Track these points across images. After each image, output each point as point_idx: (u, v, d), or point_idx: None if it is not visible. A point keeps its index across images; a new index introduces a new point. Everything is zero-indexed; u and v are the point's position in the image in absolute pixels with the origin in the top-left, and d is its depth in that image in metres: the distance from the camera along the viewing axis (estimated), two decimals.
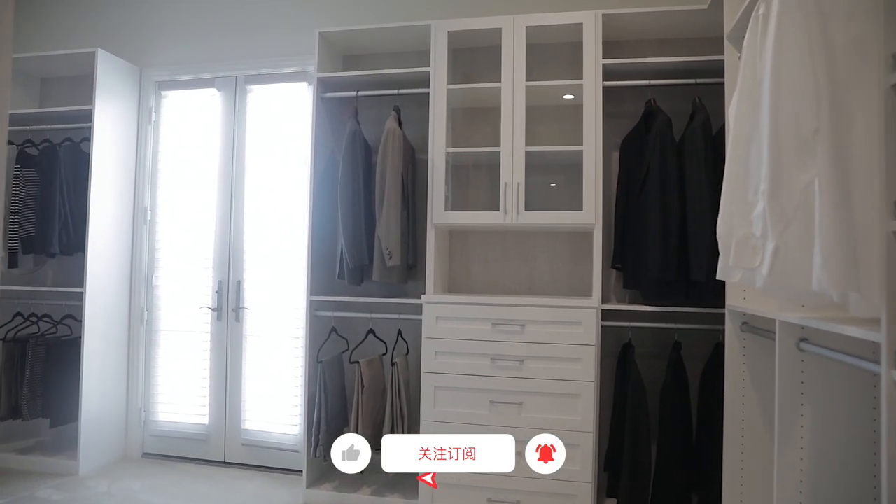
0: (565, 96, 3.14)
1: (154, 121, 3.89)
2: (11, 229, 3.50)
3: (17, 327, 3.70)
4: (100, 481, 3.37)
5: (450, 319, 2.86)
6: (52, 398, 3.55)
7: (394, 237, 2.94)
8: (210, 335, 3.76)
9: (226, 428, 3.69)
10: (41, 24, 4.12)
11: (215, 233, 3.77)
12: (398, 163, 2.98)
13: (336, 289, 3.33)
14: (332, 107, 3.35)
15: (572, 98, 3.09)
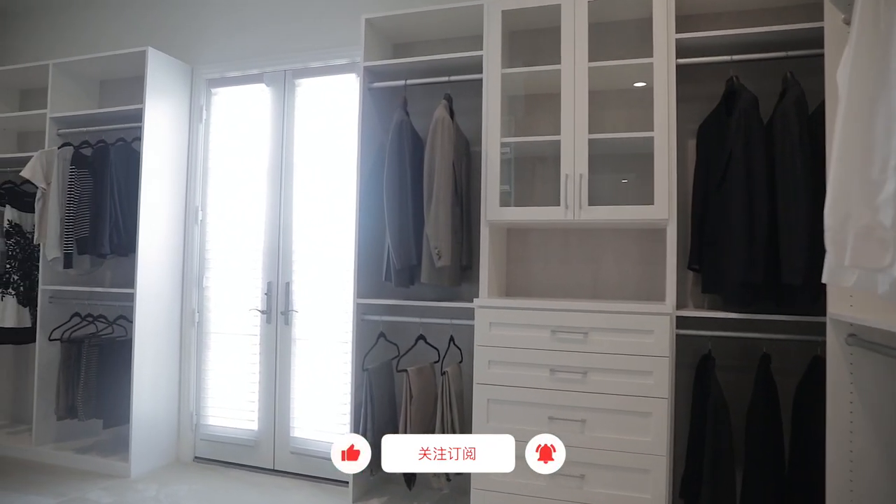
0: (636, 84, 2.83)
1: (205, 119, 3.82)
2: (67, 230, 3.50)
3: (73, 327, 3.71)
4: (149, 485, 3.31)
5: (504, 325, 2.61)
6: (106, 399, 3.53)
7: (443, 235, 2.71)
8: (259, 338, 3.66)
9: (275, 435, 3.57)
10: (97, 27, 4.14)
11: (264, 232, 3.66)
12: (448, 154, 2.75)
13: (385, 291, 3.14)
14: (380, 98, 3.16)
15: (643, 85, 2.78)
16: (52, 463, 3.61)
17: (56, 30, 4.29)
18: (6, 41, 4.48)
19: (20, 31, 4.43)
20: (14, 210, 3.76)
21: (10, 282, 3.73)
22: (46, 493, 3.15)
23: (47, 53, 4.26)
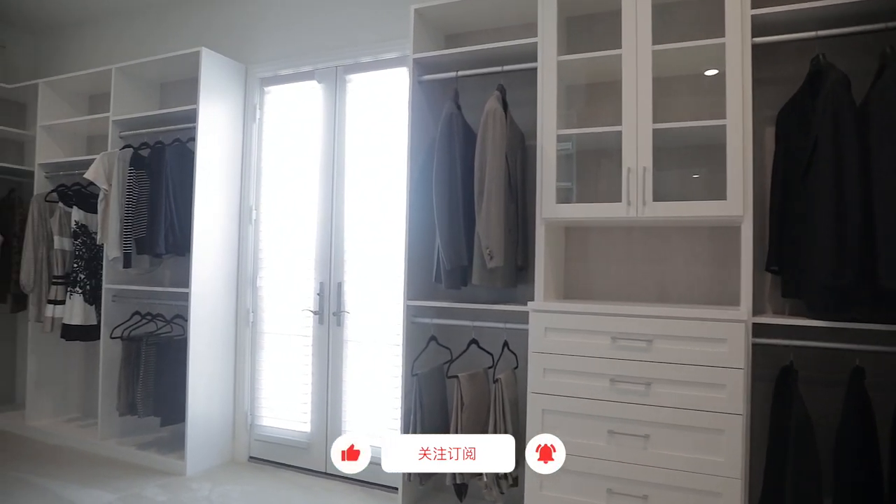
0: (707, 72, 2.60)
1: (258, 118, 3.81)
2: (126, 230, 3.56)
3: (133, 326, 3.78)
4: (203, 484, 3.31)
5: (561, 331, 2.43)
6: (163, 397, 3.57)
7: (495, 234, 2.56)
8: (312, 339, 3.61)
9: (327, 437, 3.51)
10: (158, 32, 4.21)
11: (317, 232, 3.61)
12: (500, 147, 2.59)
13: (437, 293, 3.02)
14: (431, 92, 3.03)
15: (716, 73, 2.54)
16: (114, 457, 3.69)
17: (120, 36, 4.39)
18: (76, 49, 4.63)
19: (88, 39, 4.57)
20: (81, 211, 3.86)
21: (76, 280, 3.83)
22: (106, 488, 3.21)
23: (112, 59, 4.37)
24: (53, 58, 4.74)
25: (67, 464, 3.57)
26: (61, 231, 3.92)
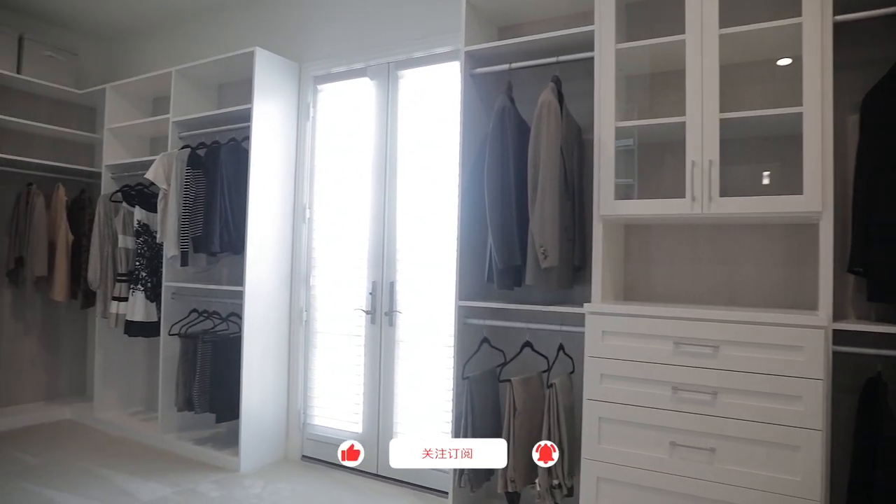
0: (780, 61, 2.40)
1: (312, 116, 3.81)
2: (183, 229, 3.62)
3: (190, 323, 3.84)
4: (255, 481, 3.33)
5: (619, 335, 2.29)
6: (218, 394, 3.61)
7: (549, 232, 2.44)
8: (364, 339, 3.58)
9: (378, 439, 3.47)
10: (217, 34, 4.28)
11: (369, 230, 3.57)
12: (555, 141, 2.47)
13: (490, 294, 2.92)
14: (484, 85, 2.94)
15: (788, 63, 2.35)
16: (173, 451, 3.76)
17: (181, 40, 4.49)
18: (141, 54, 4.77)
19: (152, 44, 4.70)
20: (143, 210, 3.97)
21: (139, 278, 3.93)
22: (164, 482, 3.26)
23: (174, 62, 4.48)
24: (121, 63, 4.90)
25: (129, 456, 3.67)
26: (125, 230, 4.03)
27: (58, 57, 4.43)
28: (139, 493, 3.12)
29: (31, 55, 4.29)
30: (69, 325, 4.77)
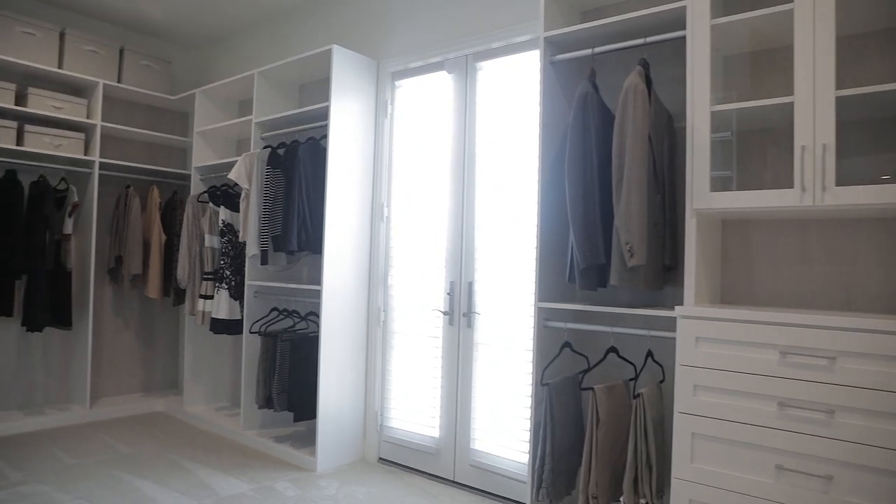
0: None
1: (389, 113, 3.76)
2: (263, 228, 3.66)
3: (270, 321, 3.88)
4: (331, 482, 3.30)
5: (716, 342, 2.06)
6: (296, 392, 3.62)
7: (636, 228, 2.24)
8: (441, 340, 3.48)
9: (455, 444, 3.36)
10: (297, 35, 4.32)
11: (447, 228, 3.47)
12: (642, 129, 2.26)
13: (572, 295, 2.75)
14: (565, 74, 2.76)
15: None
16: (254, 448, 3.81)
17: (264, 43, 4.58)
18: (228, 59, 4.91)
19: (239, 49, 4.82)
20: (227, 210, 4.06)
21: (223, 277, 4.02)
22: (242, 478, 3.30)
23: (258, 65, 4.58)
24: (210, 69, 5.07)
25: (213, 450, 3.75)
26: (211, 229, 4.14)
27: (153, 65, 4.63)
28: (219, 487, 3.16)
29: (130, 65, 4.51)
30: (163, 322, 4.98)
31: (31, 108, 3.98)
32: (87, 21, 4.54)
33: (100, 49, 4.33)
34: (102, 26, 4.62)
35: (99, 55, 4.32)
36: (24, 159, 4.06)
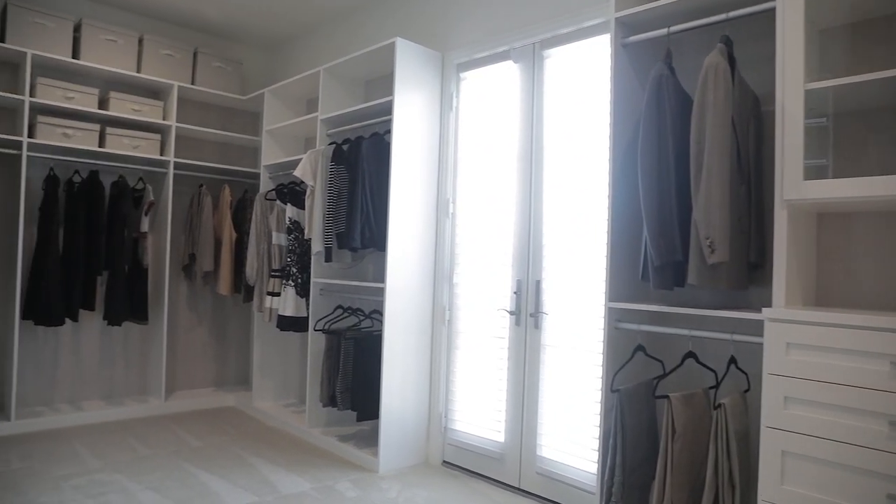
0: None
1: (455, 106, 3.65)
2: (327, 225, 3.64)
3: (334, 319, 3.86)
4: (393, 484, 3.23)
5: (811, 349, 1.82)
6: (360, 392, 3.58)
7: (717, 222, 2.03)
8: (507, 341, 3.34)
9: (521, 450, 3.21)
10: (361, 30, 4.29)
11: (514, 225, 3.33)
12: (725, 111, 2.04)
13: (646, 295, 2.55)
14: (638, 57, 2.57)
15: None
16: (318, 446, 3.80)
17: (330, 41, 4.58)
18: (296, 58, 4.95)
19: (306, 48, 4.86)
20: (293, 208, 4.07)
21: (290, 274, 4.04)
22: (305, 476, 3.28)
23: (324, 63, 4.58)
24: (281, 68, 5.14)
25: (278, 447, 3.76)
26: (278, 227, 4.17)
27: (225, 67, 4.73)
28: (281, 484, 3.15)
29: (204, 67, 4.62)
30: (235, 318, 5.08)
31: (112, 111, 4.13)
32: (164, 26, 4.69)
33: (175, 53, 4.45)
34: (178, 31, 4.76)
35: (174, 58, 4.45)
36: (105, 160, 4.22)
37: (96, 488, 2.99)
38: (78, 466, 3.28)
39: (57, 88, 3.93)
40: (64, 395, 4.25)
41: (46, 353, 4.18)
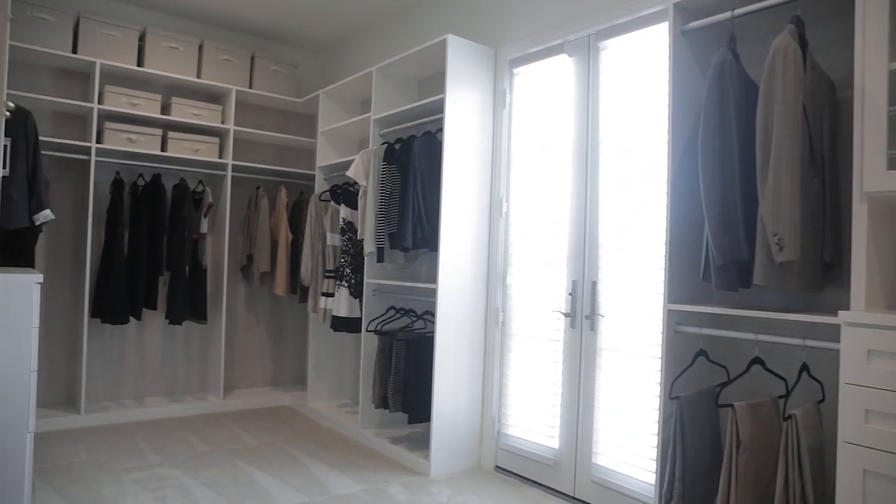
0: None
1: (508, 103, 3.57)
2: (379, 225, 3.62)
3: (386, 320, 3.84)
4: (444, 489, 3.17)
5: (895, 357, 1.65)
6: (411, 393, 3.53)
7: (786, 216, 1.87)
8: (562, 344, 3.22)
9: (576, 457, 3.09)
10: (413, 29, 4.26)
11: (569, 223, 3.21)
12: (795, 96, 1.88)
13: (709, 296, 2.40)
14: (699, 45, 2.42)
15: None
16: (370, 447, 3.79)
17: (384, 41, 4.58)
18: (350, 60, 4.98)
19: (360, 49, 4.87)
20: (347, 208, 4.08)
21: (343, 275, 4.04)
22: (356, 477, 3.26)
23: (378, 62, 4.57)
24: (336, 70, 5.18)
25: (331, 447, 3.77)
26: (332, 228, 4.19)
27: (281, 70, 4.80)
28: (332, 485, 3.14)
29: (261, 70, 4.71)
30: (291, 318, 5.15)
31: (173, 116, 4.26)
32: (223, 32, 4.80)
33: (233, 58, 4.55)
34: (236, 36, 4.87)
35: (232, 63, 4.55)
36: (167, 164, 4.35)
37: (155, 483, 3.06)
38: (139, 460, 3.37)
39: (123, 95, 4.08)
40: (129, 390, 4.41)
41: (113, 350, 4.34)
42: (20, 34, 3.75)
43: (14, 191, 3.02)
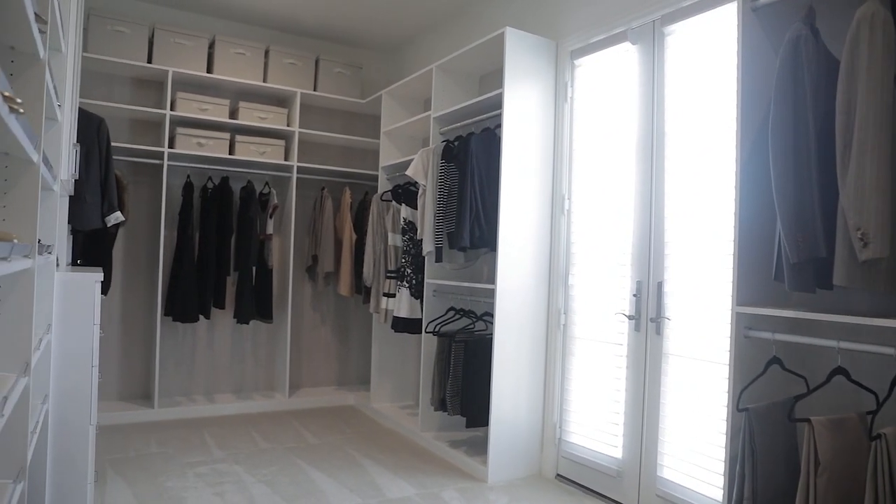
0: None
1: (570, 96, 3.42)
2: (438, 224, 3.56)
3: (445, 321, 3.77)
4: (501, 496, 3.06)
5: None
6: (469, 397, 3.45)
7: (872, 209, 1.65)
8: (626, 348, 3.05)
9: (640, 468, 2.91)
10: (476, 25, 4.18)
11: (633, 221, 3.04)
12: (883, 72, 1.66)
13: (783, 298, 2.18)
14: (774, 23, 2.20)
15: None
16: (428, 450, 3.73)
17: (444, 39, 4.52)
18: (412, 59, 4.95)
19: (421, 48, 4.84)
20: (408, 208, 4.05)
21: (404, 275, 4.01)
22: (412, 481, 3.21)
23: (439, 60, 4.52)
24: (398, 70, 5.17)
25: (390, 449, 3.74)
26: (394, 228, 4.17)
27: (345, 72, 4.84)
28: (387, 488, 3.10)
29: (325, 73, 4.76)
30: (356, 318, 5.18)
31: (241, 120, 4.37)
32: (288, 37, 4.90)
33: (298, 61, 4.63)
34: (301, 40, 4.95)
35: (297, 67, 4.63)
36: (234, 167, 4.47)
37: (216, 477, 3.13)
38: (204, 455, 3.46)
39: (193, 101, 4.22)
40: (199, 387, 4.56)
41: (185, 347, 4.51)
42: (99, 47, 3.95)
43: (87, 194, 3.17)
